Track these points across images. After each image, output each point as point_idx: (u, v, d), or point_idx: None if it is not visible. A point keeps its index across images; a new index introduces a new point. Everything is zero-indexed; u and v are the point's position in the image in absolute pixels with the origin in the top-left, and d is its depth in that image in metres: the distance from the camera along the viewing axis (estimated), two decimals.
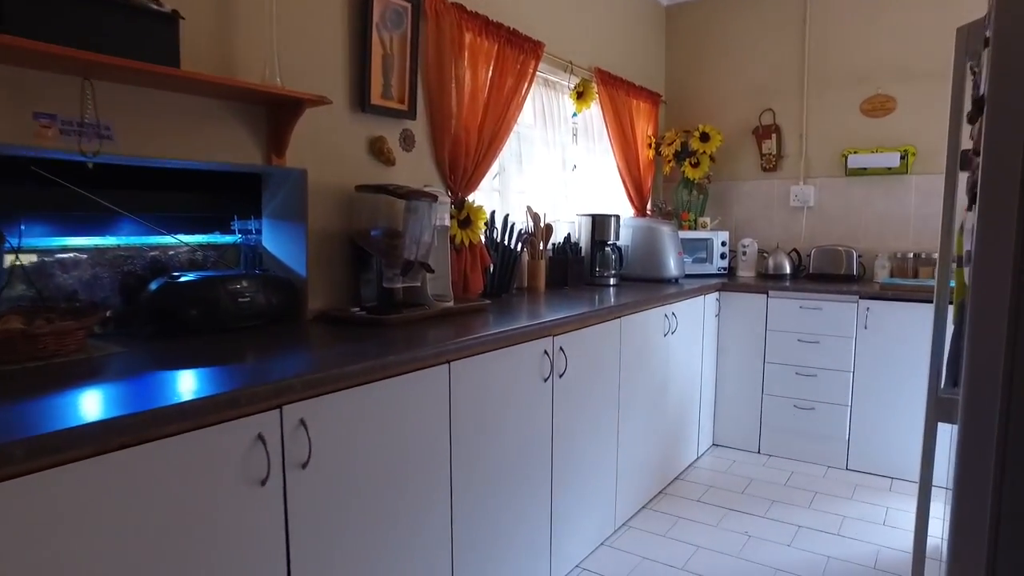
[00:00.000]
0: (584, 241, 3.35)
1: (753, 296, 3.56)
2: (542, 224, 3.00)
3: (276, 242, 2.12)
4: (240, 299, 1.87)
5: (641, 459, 2.88)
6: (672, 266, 3.53)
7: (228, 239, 2.14)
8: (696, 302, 3.35)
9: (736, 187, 4.14)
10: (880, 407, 3.30)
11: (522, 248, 2.88)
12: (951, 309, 1.52)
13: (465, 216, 2.52)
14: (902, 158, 3.51)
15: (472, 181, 2.65)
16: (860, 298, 3.28)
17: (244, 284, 1.90)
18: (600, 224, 3.33)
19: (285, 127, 1.94)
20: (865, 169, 3.65)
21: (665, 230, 3.54)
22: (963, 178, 1.47)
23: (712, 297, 3.56)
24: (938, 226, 3.90)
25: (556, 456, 2.24)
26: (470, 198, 2.64)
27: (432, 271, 2.15)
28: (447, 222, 2.32)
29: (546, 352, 2.13)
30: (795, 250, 3.89)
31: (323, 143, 2.14)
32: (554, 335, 2.17)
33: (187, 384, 1.26)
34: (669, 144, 3.98)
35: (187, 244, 1.95)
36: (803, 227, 3.95)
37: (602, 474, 2.55)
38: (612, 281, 3.32)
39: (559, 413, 2.23)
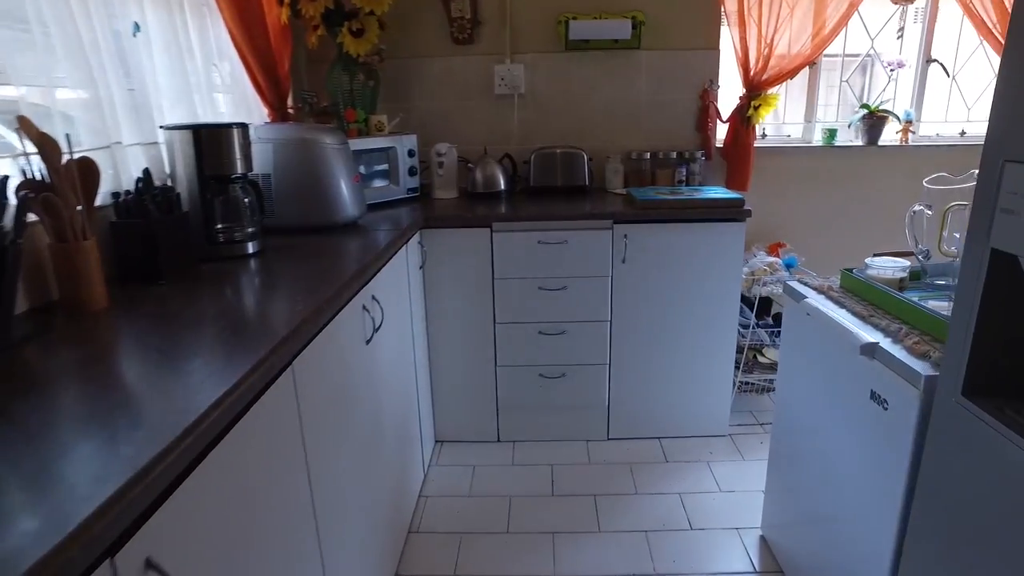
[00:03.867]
0: (185, 181, 1.74)
1: (471, 233, 2.43)
2: (69, 158, 1.33)
3: None
4: None
5: (361, 546, 1.63)
6: (348, 201, 2.16)
7: None
8: (398, 260, 2.09)
9: (419, 68, 2.85)
10: (641, 359, 2.56)
11: (21, 224, 1.20)
12: None
13: None
14: (634, 27, 2.63)
15: None
16: (615, 222, 2.40)
17: None
18: (211, 145, 1.74)
19: None
20: (588, 42, 2.69)
21: (328, 143, 2.12)
22: None
23: (413, 242, 2.33)
24: (676, 115, 3.02)
25: None
26: None
27: None
28: None
29: None
30: (508, 156, 2.84)
31: None
32: (137, 539, 0.71)
33: None
34: None
35: None
36: (515, 122, 2.90)
37: None
38: (252, 247, 1.82)
39: None
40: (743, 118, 2.73)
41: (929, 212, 1.59)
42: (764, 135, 2.96)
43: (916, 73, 2.91)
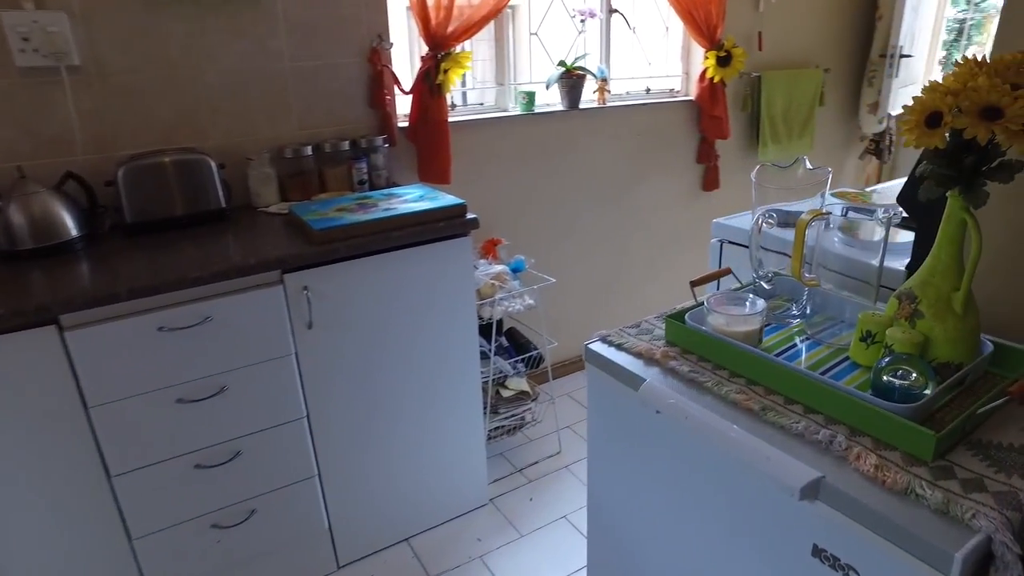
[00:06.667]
0: None
1: (19, 341, 1.30)
2: None
3: None
4: None
5: None
6: None
7: None
8: None
9: None
10: (363, 450, 1.77)
11: None
12: None
13: None
14: None
15: None
16: (285, 271, 1.51)
17: None
18: None
19: None
20: None
21: None
22: None
23: None
24: (338, 87, 1.49)
25: None
26: None
27: None
28: None
29: None
30: (71, 175, 1.68)
31: None
32: None
33: None
34: None
35: None
36: (73, 116, 1.72)
37: None
38: None
39: None
40: (431, 86, 2.02)
41: (772, 223, 1.10)
42: (453, 106, 2.30)
43: (602, 25, 2.54)
